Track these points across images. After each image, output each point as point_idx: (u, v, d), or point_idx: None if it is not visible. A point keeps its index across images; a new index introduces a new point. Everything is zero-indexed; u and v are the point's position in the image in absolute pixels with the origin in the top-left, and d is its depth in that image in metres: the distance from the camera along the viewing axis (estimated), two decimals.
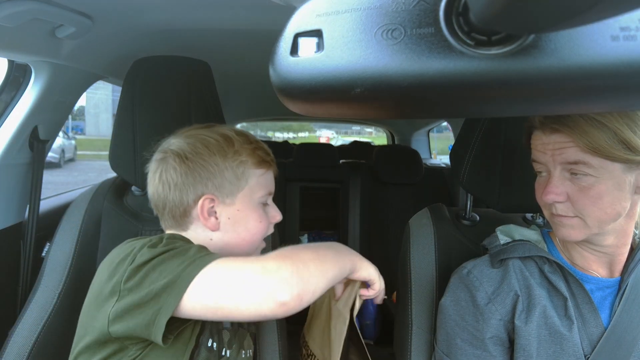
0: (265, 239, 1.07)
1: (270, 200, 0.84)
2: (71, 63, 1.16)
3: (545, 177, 0.73)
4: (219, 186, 0.76)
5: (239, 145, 0.78)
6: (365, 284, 0.81)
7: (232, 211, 0.77)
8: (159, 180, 0.77)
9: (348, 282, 0.84)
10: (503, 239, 0.84)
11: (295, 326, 2.29)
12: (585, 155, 0.66)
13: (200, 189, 0.75)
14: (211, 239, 0.78)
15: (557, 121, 0.67)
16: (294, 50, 0.33)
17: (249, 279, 0.60)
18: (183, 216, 0.77)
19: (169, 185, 0.76)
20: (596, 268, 0.77)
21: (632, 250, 0.77)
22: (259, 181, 0.79)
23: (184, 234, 0.78)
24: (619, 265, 0.76)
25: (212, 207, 0.76)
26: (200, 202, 0.75)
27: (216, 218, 0.77)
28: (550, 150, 0.69)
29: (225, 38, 1.27)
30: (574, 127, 0.66)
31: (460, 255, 1.00)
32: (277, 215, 0.84)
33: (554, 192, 0.69)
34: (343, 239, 2.61)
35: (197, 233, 0.78)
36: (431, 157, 3.74)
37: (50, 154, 1.35)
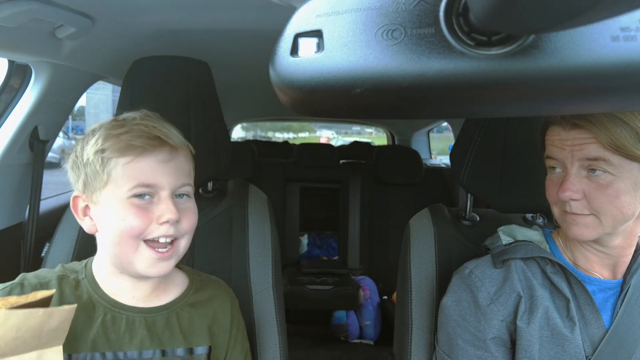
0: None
1: (164, 194, 0.68)
2: (71, 63, 1.16)
3: (559, 173, 0.72)
4: (85, 183, 0.68)
5: (103, 132, 0.67)
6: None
7: (99, 210, 0.68)
8: None
9: None
10: (505, 239, 0.84)
11: (295, 326, 2.29)
12: (606, 152, 0.65)
13: (76, 187, 0.70)
14: (102, 244, 0.71)
15: (578, 116, 0.67)
16: (294, 50, 0.33)
17: None
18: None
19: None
20: (599, 270, 0.77)
21: (636, 252, 0.77)
22: (125, 171, 0.66)
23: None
24: (622, 267, 0.76)
25: (86, 206, 0.70)
26: (71, 200, 0.71)
27: (91, 219, 0.70)
28: (569, 146, 0.69)
29: (225, 38, 1.27)
30: (596, 123, 0.65)
31: (460, 255, 1.00)
32: (166, 214, 0.67)
33: (571, 189, 0.68)
34: (343, 239, 2.61)
35: (97, 240, 0.72)
36: (431, 158, 3.73)
37: (50, 154, 1.34)
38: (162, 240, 0.68)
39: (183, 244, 0.71)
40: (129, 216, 0.66)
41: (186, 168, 0.72)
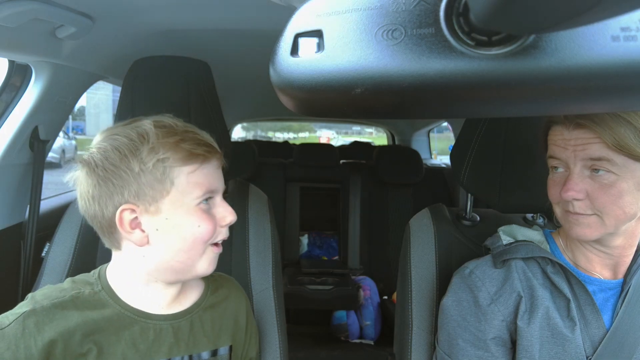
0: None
1: (219, 198, 0.71)
2: (71, 63, 1.16)
3: (562, 173, 0.72)
4: (137, 194, 0.65)
5: (156, 141, 0.65)
6: None
7: (159, 221, 0.66)
8: (78, 193, 0.69)
9: None
10: (505, 239, 0.84)
11: (295, 326, 2.29)
12: (609, 152, 0.65)
13: (117, 200, 0.65)
14: (144, 256, 0.68)
15: (582, 116, 0.67)
16: (294, 50, 0.33)
17: None
18: (111, 232, 0.68)
19: (86, 198, 0.67)
20: (599, 270, 0.77)
21: (636, 252, 0.77)
22: (191, 179, 0.66)
23: (118, 254, 0.71)
24: (622, 267, 0.76)
25: (135, 218, 0.66)
26: (117, 214, 0.65)
27: (142, 231, 0.66)
28: (573, 146, 0.68)
29: (225, 38, 1.27)
30: (600, 122, 0.65)
31: (460, 255, 1.00)
32: (228, 216, 0.70)
33: (574, 189, 0.68)
34: (343, 240, 2.61)
35: (130, 251, 0.69)
36: (431, 158, 3.74)
37: (50, 154, 1.35)
38: (221, 241, 0.72)
39: None
40: (203, 222, 0.67)
41: None
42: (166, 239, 0.67)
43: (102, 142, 0.67)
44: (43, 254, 1.13)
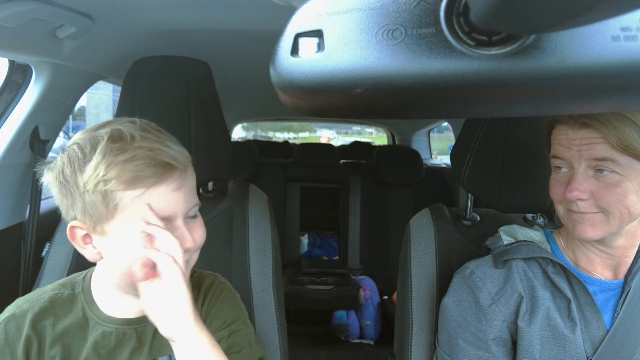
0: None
1: (178, 222, 0.64)
2: (72, 63, 1.16)
3: (565, 173, 0.72)
4: (83, 212, 0.61)
5: (102, 158, 0.59)
6: None
7: (106, 242, 0.62)
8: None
9: None
10: (506, 239, 0.83)
11: (295, 326, 2.29)
12: (614, 152, 0.65)
13: (71, 214, 0.62)
14: (106, 270, 0.67)
15: (587, 116, 0.66)
16: (294, 50, 0.33)
17: None
18: None
19: (58, 203, 0.65)
20: (600, 270, 0.76)
21: (638, 253, 0.77)
22: (135, 205, 0.60)
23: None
24: (623, 267, 0.76)
25: (87, 234, 0.63)
26: (67, 229, 0.63)
27: (94, 247, 0.64)
28: (577, 145, 0.68)
29: (225, 38, 1.27)
30: (605, 122, 0.65)
31: (460, 255, 1.00)
32: (186, 241, 0.63)
33: (579, 190, 0.68)
34: (343, 239, 2.61)
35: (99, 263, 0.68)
36: (431, 158, 3.73)
37: (50, 154, 1.34)
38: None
39: (194, 257, 0.69)
40: (145, 249, 0.62)
41: (194, 186, 0.68)
42: (111, 259, 0.64)
43: (66, 150, 0.64)
44: (43, 254, 1.13)
